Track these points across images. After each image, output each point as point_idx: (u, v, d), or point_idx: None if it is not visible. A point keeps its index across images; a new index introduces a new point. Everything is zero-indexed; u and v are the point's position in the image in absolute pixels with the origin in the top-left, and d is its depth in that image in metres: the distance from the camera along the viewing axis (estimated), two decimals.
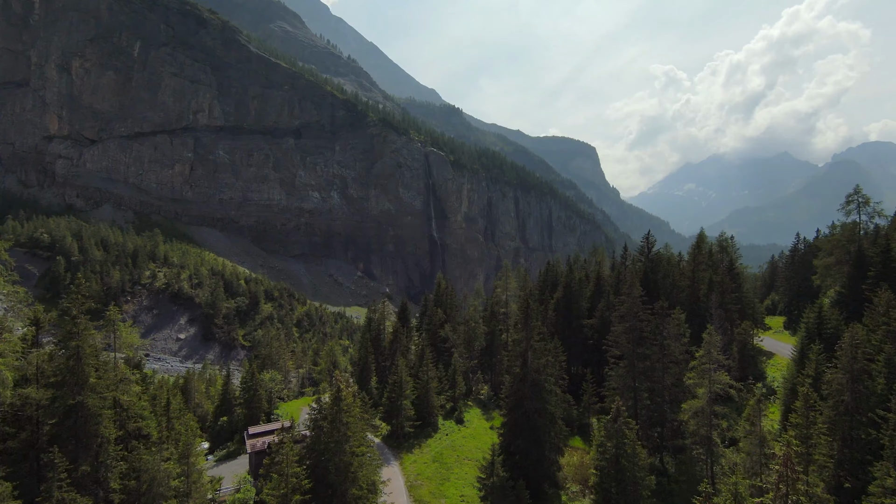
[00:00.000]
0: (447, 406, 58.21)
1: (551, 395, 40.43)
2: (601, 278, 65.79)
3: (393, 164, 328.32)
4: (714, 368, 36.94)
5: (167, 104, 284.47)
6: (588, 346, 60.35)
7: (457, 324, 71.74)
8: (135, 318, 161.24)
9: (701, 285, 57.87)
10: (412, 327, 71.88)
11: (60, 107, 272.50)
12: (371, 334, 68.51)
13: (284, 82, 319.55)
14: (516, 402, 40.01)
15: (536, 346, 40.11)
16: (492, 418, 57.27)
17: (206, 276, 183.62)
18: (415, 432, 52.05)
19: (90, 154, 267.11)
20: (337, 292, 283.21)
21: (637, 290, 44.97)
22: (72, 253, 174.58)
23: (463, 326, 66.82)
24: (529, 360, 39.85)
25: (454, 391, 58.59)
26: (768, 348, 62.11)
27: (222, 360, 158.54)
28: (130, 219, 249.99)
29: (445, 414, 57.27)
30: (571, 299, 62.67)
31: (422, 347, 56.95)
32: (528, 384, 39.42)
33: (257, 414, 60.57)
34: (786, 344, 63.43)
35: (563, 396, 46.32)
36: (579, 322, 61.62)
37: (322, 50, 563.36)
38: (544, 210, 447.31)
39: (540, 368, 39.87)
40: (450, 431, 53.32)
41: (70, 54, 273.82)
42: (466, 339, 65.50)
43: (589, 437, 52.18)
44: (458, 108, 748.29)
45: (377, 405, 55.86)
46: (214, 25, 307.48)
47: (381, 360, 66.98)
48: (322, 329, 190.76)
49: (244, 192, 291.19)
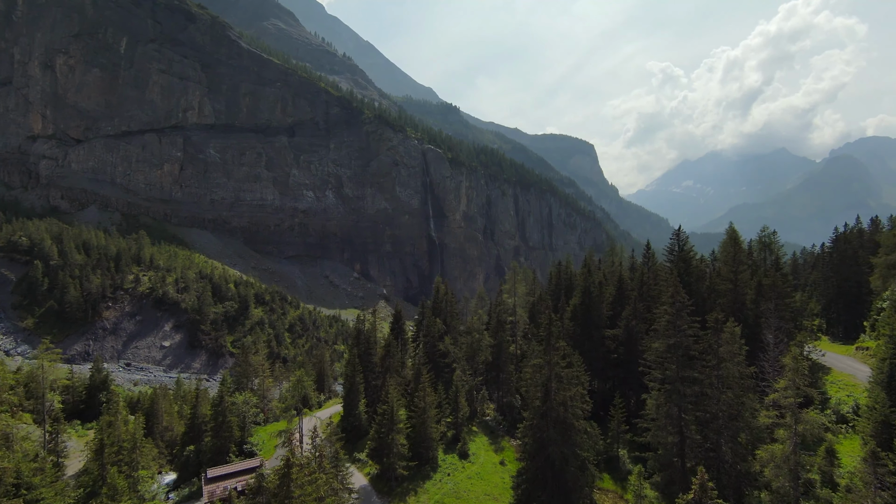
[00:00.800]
0: (448, 434, 49.77)
1: (582, 435, 32.17)
2: (623, 281, 57.31)
3: (389, 161, 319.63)
4: (801, 403, 28.66)
5: (155, 102, 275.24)
6: (611, 361, 51.94)
7: (458, 334, 63.32)
8: (116, 325, 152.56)
9: (746, 289, 49.53)
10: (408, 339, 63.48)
11: (44, 106, 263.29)
12: (360, 348, 59.96)
13: (277, 79, 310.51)
14: (538, 447, 31.76)
15: (562, 374, 31.80)
16: (501, 448, 48.90)
17: (193, 279, 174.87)
18: (410, 474, 43.41)
19: (75, 154, 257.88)
20: (333, 294, 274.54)
21: (682, 298, 36.56)
22: (51, 257, 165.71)
23: (465, 338, 58.41)
24: (553, 390, 31.57)
25: (456, 416, 50.11)
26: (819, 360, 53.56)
27: (209, 369, 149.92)
28: (117, 221, 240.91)
29: (446, 445, 48.76)
30: (591, 306, 54.21)
31: (418, 367, 48.47)
32: (552, 422, 31.18)
33: (226, 445, 52.15)
34: (839, 355, 55.08)
35: (593, 433, 37.85)
36: (600, 333, 53.15)
37: (317, 48, 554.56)
38: (544, 208, 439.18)
39: (567, 402, 31.60)
40: (452, 470, 44.66)
41: (54, 51, 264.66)
42: (469, 353, 57.12)
43: (617, 470, 43.88)
44: (455, 106, 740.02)
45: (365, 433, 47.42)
46: (204, 21, 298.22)
47: (371, 377, 58.51)
48: (316, 334, 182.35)
49: (236, 192, 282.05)
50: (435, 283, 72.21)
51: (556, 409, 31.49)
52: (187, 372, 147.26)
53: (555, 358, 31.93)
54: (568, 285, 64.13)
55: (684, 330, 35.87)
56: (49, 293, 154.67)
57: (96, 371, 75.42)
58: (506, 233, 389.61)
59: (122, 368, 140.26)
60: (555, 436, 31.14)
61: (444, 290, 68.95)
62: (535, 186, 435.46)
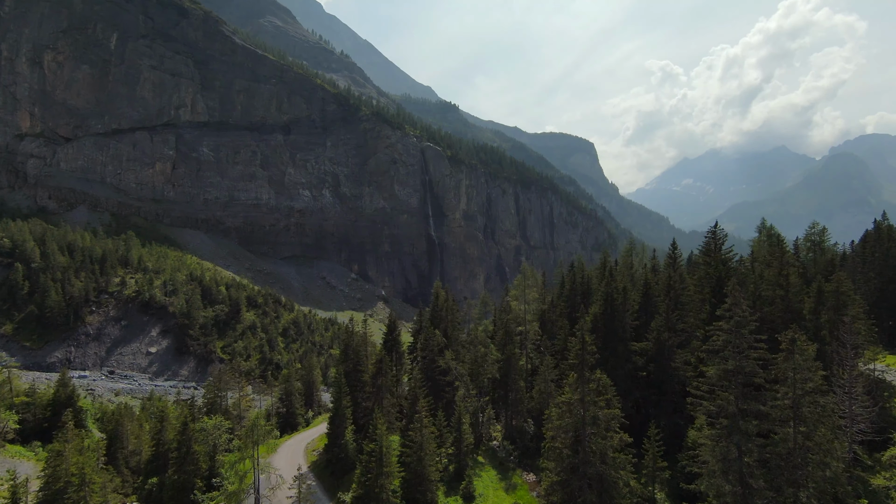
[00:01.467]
0: (450, 469, 42.57)
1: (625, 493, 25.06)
2: (650, 287, 50.10)
3: (387, 159, 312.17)
4: None
5: (147, 99, 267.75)
6: (639, 380, 44.68)
7: (460, 346, 56.04)
8: (100, 330, 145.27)
9: (804, 297, 42.39)
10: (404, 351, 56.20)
11: (32, 103, 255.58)
12: (348, 365, 52.59)
13: (272, 75, 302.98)
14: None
15: (599, 416, 24.66)
16: (513, 486, 41.71)
17: (183, 281, 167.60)
18: None
19: (64, 153, 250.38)
20: (329, 296, 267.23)
21: (743, 312, 29.24)
22: (33, 259, 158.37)
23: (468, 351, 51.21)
24: (587, 437, 24.46)
25: (459, 447, 42.84)
26: None
27: (197, 376, 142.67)
28: (107, 221, 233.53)
29: (448, 483, 41.49)
30: (614, 316, 47.05)
31: (414, 391, 41.19)
32: (587, 480, 24.10)
33: (191, 480, 44.93)
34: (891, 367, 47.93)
35: (637, 488, 30.31)
36: (625, 346, 45.94)
37: (314, 45, 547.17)
38: (545, 206, 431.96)
39: (606, 454, 24.49)
40: None
41: (42, 47, 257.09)
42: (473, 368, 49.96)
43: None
44: (454, 104, 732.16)
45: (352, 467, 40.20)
46: (196, 16, 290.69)
47: (361, 397, 51.20)
48: (311, 338, 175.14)
49: (230, 191, 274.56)
50: (434, 288, 65.07)
51: (591, 463, 24.50)
52: (174, 379, 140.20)
53: (590, 395, 24.82)
54: (585, 290, 56.85)
55: (746, 352, 28.76)
56: (30, 297, 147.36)
57: (61, 385, 68.25)
58: (507, 232, 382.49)
59: (105, 377, 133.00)
60: (591, 498, 24.13)
61: (445, 296, 61.53)
62: (535, 185, 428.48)
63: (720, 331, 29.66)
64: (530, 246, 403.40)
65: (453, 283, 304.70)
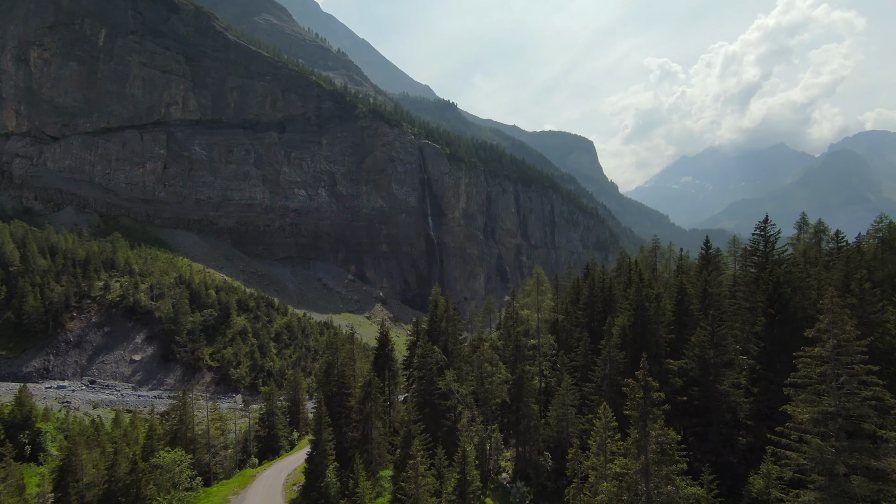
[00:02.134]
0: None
1: None
2: (685, 294, 42.67)
3: (385, 158, 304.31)
4: None
5: (136, 97, 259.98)
6: (679, 406, 37.16)
7: (462, 362, 48.58)
8: (81, 337, 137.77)
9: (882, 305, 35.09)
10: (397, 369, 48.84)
11: (18, 101, 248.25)
12: (330, 388, 44.85)
13: (266, 72, 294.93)
14: None
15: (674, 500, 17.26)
16: None
17: (170, 285, 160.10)
18: None
19: (51, 152, 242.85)
20: (326, 298, 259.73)
21: (847, 332, 21.80)
22: (11, 262, 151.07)
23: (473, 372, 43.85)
24: None
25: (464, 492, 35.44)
26: None
27: (184, 385, 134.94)
28: (95, 223, 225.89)
29: None
30: (646, 328, 39.82)
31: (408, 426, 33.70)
32: None
33: None
34: None
35: None
36: (660, 365, 38.46)
37: (310, 43, 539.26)
38: (546, 205, 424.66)
39: None
40: None
41: (28, 44, 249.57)
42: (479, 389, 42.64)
43: None
44: (453, 103, 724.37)
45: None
46: (187, 11, 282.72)
47: (346, 427, 43.76)
48: (305, 343, 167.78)
49: (223, 190, 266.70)
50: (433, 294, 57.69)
51: None
52: (159, 389, 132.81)
53: (658, 466, 17.35)
54: (606, 297, 49.28)
55: (853, 389, 21.43)
56: (7, 303, 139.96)
57: (17, 405, 60.86)
58: (507, 231, 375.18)
59: (85, 387, 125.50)
60: None
61: (445, 304, 53.86)
62: (536, 183, 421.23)
63: (814, 358, 22.40)
64: (531, 245, 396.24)
65: (453, 284, 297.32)
